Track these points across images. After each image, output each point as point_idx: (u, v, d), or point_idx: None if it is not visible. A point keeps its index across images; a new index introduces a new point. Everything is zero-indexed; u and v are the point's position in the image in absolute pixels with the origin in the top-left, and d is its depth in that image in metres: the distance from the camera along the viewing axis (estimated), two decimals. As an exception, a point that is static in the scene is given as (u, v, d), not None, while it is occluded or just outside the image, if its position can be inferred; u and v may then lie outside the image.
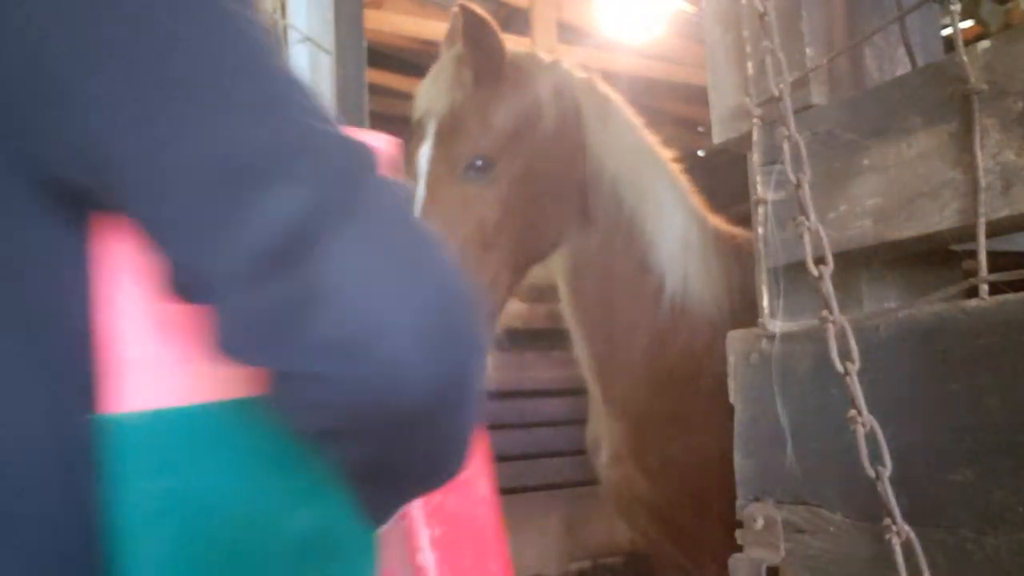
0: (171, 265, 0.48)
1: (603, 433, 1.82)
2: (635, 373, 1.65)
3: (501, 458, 3.92)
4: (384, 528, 0.63)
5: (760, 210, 0.95)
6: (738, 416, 0.93)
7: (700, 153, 5.84)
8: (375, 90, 2.87)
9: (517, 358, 2.95)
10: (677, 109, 5.70)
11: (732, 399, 0.94)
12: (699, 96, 1.30)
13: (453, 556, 0.87)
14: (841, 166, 0.89)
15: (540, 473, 3.90)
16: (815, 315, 0.80)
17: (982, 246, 0.76)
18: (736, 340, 0.94)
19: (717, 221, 1.69)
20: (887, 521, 0.68)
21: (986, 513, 0.70)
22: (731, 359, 0.95)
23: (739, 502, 0.92)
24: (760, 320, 0.93)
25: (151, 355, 0.52)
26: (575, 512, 3.70)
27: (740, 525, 0.91)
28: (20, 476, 0.50)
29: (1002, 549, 0.68)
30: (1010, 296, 0.70)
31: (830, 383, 0.82)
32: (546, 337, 3.14)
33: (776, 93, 0.87)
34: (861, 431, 0.70)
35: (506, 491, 4.13)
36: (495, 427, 3.76)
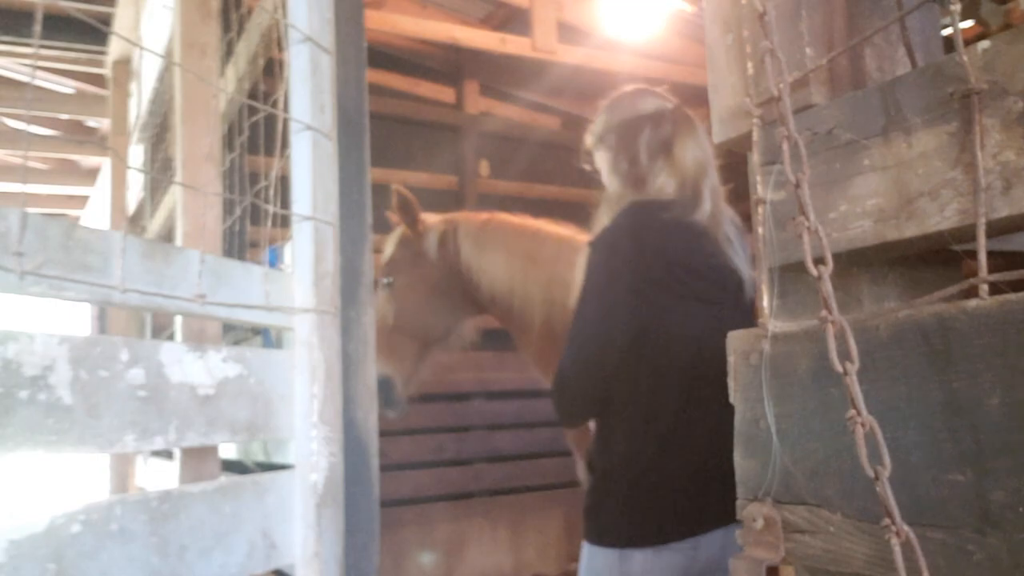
0: None
1: (569, 439, 2.50)
2: None
3: (501, 458, 3.93)
4: None
5: (760, 210, 0.95)
6: (738, 416, 0.93)
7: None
8: (375, 90, 2.87)
9: (518, 359, 2.96)
10: (677, 109, 5.69)
11: (732, 399, 0.94)
12: (699, 96, 1.31)
13: None
14: (841, 166, 0.89)
15: (540, 473, 3.91)
16: (815, 315, 0.80)
17: (982, 246, 0.76)
18: (736, 340, 0.94)
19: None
20: (887, 521, 0.68)
21: (986, 513, 0.70)
22: (731, 359, 0.95)
23: (739, 502, 0.92)
24: (760, 320, 0.93)
25: None
26: (575, 512, 3.71)
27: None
28: None
29: (1002, 549, 0.69)
30: (1010, 296, 0.70)
31: (830, 383, 0.82)
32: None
33: (776, 93, 0.87)
34: (860, 431, 0.70)
35: (506, 491, 4.13)
36: (495, 427, 3.77)
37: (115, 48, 3.92)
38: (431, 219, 2.72)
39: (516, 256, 2.51)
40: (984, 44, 0.78)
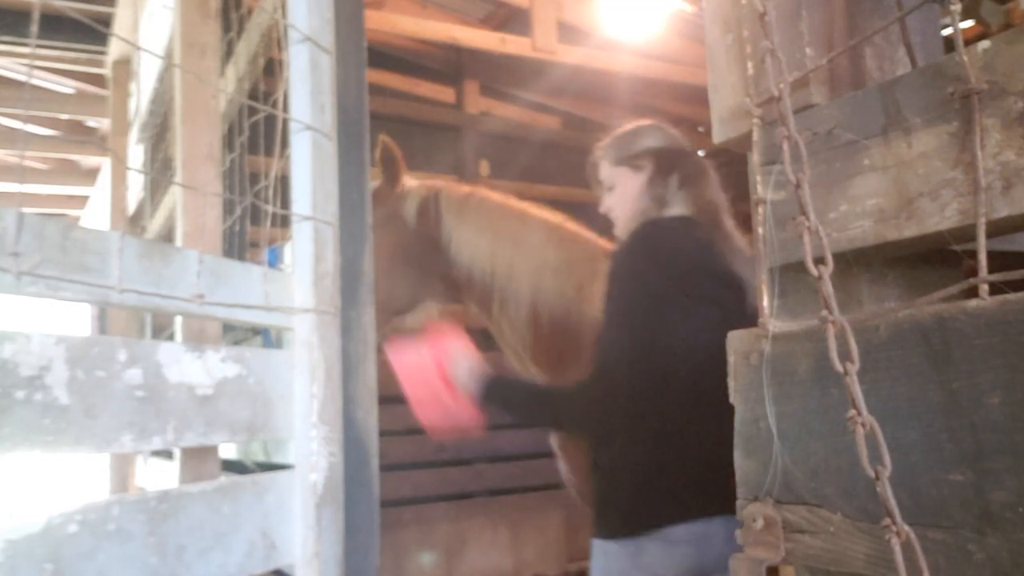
0: None
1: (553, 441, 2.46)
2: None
3: (501, 458, 3.92)
4: None
5: (760, 210, 0.95)
6: (738, 416, 0.93)
7: (700, 153, 5.85)
8: (375, 90, 2.87)
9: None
10: (677, 109, 5.70)
11: (732, 399, 0.94)
12: (699, 96, 1.32)
13: None
14: (841, 166, 0.89)
15: (540, 473, 3.90)
16: (815, 315, 0.80)
17: (982, 246, 0.75)
18: (736, 340, 0.94)
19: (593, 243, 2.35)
20: (887, 521, 0.68)
21: (986, 513, 0.70)
22: (731, 359, 0.94)
23: (739, 502, 0.92)
24: (760, 320, 0.93)
25: None
26: (575, 512, 3.71)
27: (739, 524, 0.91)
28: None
29: (1002, 549, 0.68)
30: (1010, 296, 0.70)
31: (830, 383, 0.82)
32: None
33: (776, 93, 0.87)
34: (861, 431, 0.70)
35: (506, 491, 4.14)
36: (495, 427, 3.77)
37: (115, 48, 3.92)
38: (411, 182, 2.59)
39: (502, 238, 2.40)
40: (984, 44, 0.78)
